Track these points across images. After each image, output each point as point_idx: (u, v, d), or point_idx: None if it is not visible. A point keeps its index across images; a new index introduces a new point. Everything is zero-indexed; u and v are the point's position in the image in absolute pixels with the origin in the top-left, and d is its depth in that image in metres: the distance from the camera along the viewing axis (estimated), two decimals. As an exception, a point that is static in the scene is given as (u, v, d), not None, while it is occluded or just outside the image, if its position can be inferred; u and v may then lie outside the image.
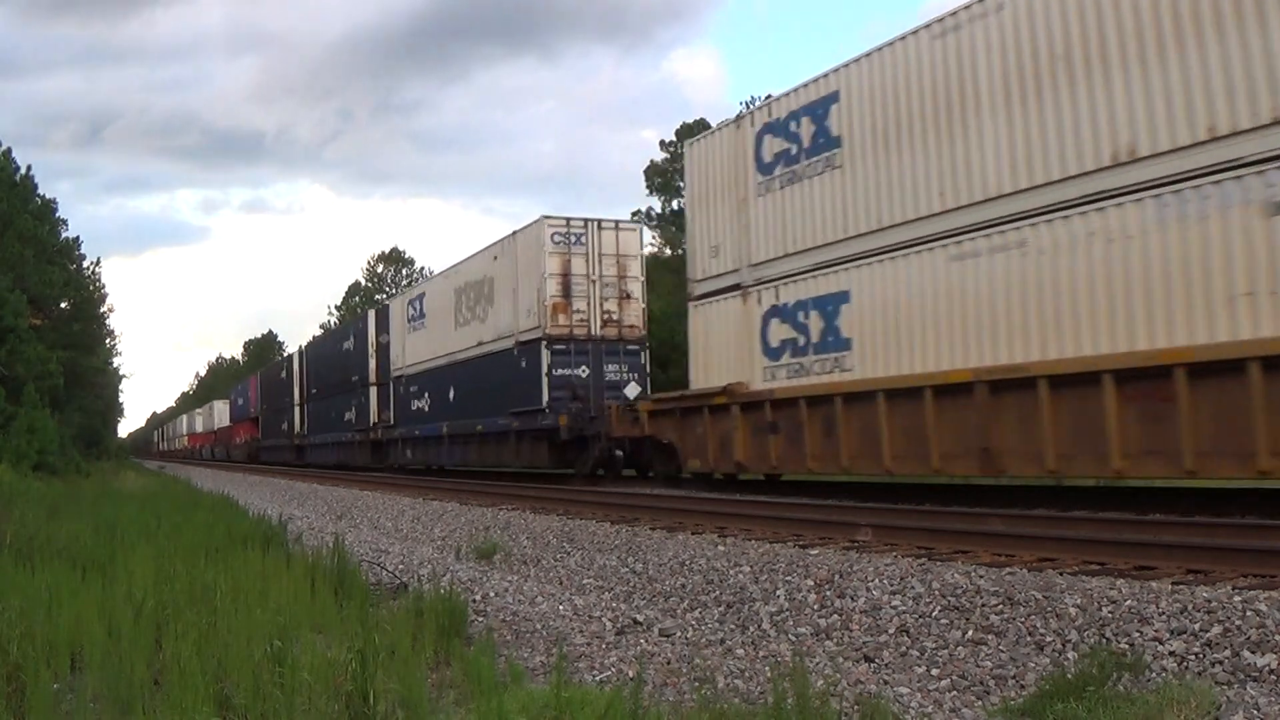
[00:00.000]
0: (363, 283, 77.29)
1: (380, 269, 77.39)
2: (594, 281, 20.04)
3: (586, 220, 20.46)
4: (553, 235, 19.81)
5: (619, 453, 18.87)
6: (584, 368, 19.65)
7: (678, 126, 51.23)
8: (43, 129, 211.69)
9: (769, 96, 13.75)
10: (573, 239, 19.93)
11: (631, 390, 19.68)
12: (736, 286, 14.34)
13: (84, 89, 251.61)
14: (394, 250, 77.52)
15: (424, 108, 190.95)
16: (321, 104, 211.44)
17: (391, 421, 28.54)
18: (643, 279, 20.73)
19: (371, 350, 30.56)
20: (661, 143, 52.61)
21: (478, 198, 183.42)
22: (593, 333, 19.93)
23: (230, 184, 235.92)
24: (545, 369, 19.43)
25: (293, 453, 40.82)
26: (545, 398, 19.35)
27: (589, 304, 19.93)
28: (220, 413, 64.31)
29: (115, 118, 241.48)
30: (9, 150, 36.86)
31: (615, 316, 20.17)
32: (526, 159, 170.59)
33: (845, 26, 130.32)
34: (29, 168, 38.52)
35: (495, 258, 22.00)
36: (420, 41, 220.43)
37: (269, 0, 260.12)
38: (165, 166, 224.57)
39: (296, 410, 40.46)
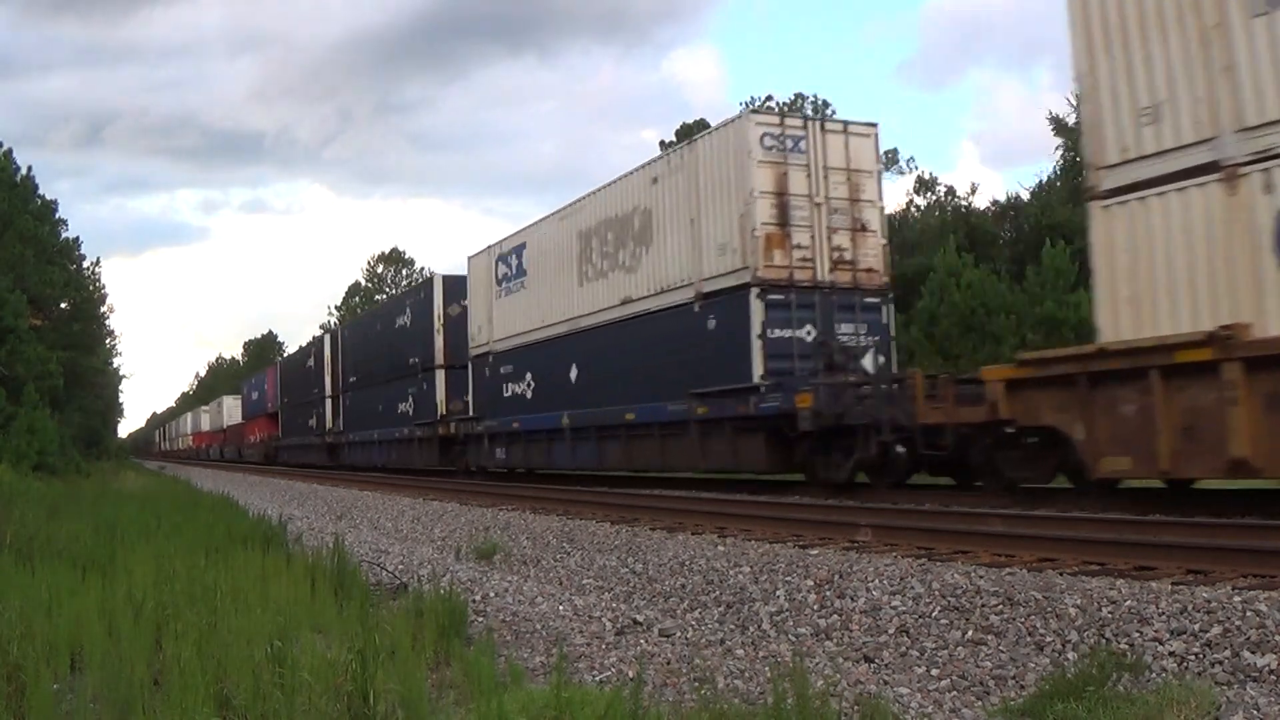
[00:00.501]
0: (363, 283, 77.40)
1: (380, 269, 77.49)
2: (819, 205, 14.39)
3: (806, 119, 15.23)
4: (763, 137, 14.23)
5: (900, 449, 12.43)
6: (808, 327, 14.07)
7: (678, 126, 51.33)
8: (43, 129, 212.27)
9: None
10: (789, 144, 14.36)
11: (871, 361, 14.34)
12: (1209, 168, 8.81)
13: (84, 89, 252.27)
14: (394, 251, 77.65)
15: (423, 108, 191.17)
16: (321, 104, 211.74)
17: (470, 412, 22.76)
18: (881, 204, 15.11)
19: (437, 325, 24.83)
20: (661, 143, 52.61)
21: (478, 198, 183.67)
22: (819, 277, 14.30)
23: (230, 184, 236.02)
24: (758, 328, 13.81)
25: (324, 453, 35.38)
26: (757, 370, 13.73)
27: (814, 237, 14.31)
28: (230, 409, 59.83)
29: (115, 118, 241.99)
30: (10, 151, 36.97)
31: (848, 256, 14.55)
32: (526, 159, 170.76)
33: (845, 26, 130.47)
34: (29, 168, 38.60)
35: (655, 180, 16.22)
36: (420, 41, 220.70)
37: (269, 0, 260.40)
38: (165, 167, 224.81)
39: (328, 403, 34.95)
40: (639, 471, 17.93)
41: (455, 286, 24.79)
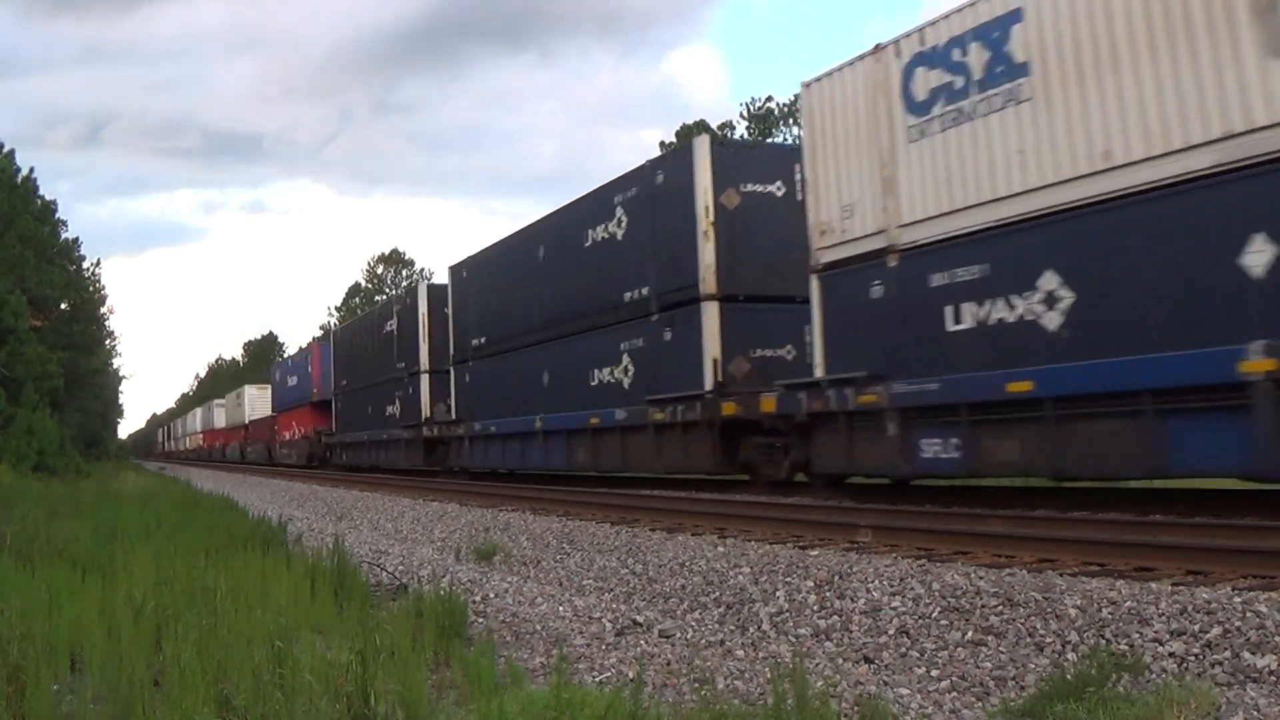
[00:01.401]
0: (363, 284, 77.45)
1: (380, 270, 77.54)
2: None
3: None
4: None
5: None
6: None
7: (678, 127, 51.33)
8: (42, 129, 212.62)
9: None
10: None
11: None
12: None
13: (83, 89, 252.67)
14: (394, 251, 77.74)
15: (424, 108, 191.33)
16: (321, 104, 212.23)
17: (822, 373, 12.09)
18: None
19: (703, 226, 14.38)
20: (661, 144, 52.63)
21: (478, 198, 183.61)
22: None
23: (230, 185, 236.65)
24: None
25: (418, 451, 25.37)
26: None
27: None
28: (254, 401, 51.24)
29: (114, 118, 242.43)
30: (11, 152, 37.01)
31: None
32: (527, 159, 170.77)
33: (845, 26, 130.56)
34: (31, 169, 38.70)
35: None
36: (420, 41, 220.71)
37: (269, 0, 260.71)
38: (165, 167, 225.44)
39: (424, 382, 25.12)
40: None
41: (734, 161, 14.92)
